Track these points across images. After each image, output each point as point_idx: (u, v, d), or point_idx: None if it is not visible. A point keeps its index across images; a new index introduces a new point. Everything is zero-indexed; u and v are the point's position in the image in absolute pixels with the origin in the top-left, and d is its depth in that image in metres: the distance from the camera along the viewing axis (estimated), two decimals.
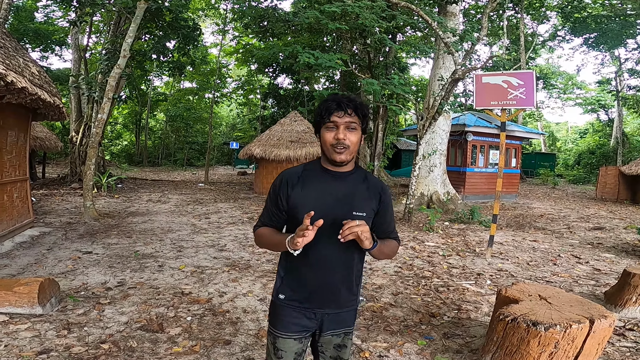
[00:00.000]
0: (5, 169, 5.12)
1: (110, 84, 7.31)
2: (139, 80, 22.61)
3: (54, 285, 3.18)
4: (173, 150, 28.47)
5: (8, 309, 2.91)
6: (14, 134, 5.38)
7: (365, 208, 1.35)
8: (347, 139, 1.30)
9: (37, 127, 11.64)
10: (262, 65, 18.94)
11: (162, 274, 4.14)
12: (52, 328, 2.75)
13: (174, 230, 6.34)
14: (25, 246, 4.93)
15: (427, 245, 5.95)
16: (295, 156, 11.51)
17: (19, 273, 3.91)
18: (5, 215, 5.01)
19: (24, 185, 5.76)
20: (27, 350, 2.43)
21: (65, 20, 16.64)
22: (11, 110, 5.12)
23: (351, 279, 1.40)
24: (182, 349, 2.57)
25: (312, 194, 1.35)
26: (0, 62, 4.17)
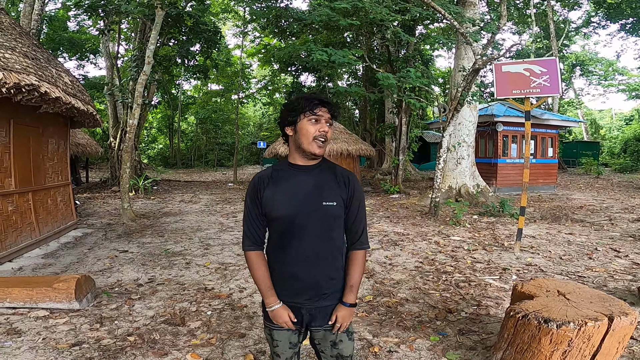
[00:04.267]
0: (48, 174, 5.56)
1: (138, 90, 7.70)
2: (168, 84, 23.55)
3: (90, 282, 3.43)
4: (204, 152, 29.45)
5: (48, 304, 3.15)
6: (54, 141, 5.83)
7: (335, 197, 1.40)
8: (328, 133, 1.39)
9: (79, 134, 12.46)
10: (283, 64, 19.14)
11: (189, 270, 4.35)
12: (87, 322, 2.96)
13: (203, 229, 6.61)
14: (69, 246, 5.33)
15: (452, 240, 5.82)
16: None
17: (62, 271, 4.25)
18: (50, 218, 5.45)
19: (67, 189, 6.22)
20: (62, 343, 2.63)
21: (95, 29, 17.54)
22: (50, 120, 5.55)
23: (330, 271, 1.43)
24: (199, 341, 2.70)
25: (283, 192, 1.40)
26: (34, 74, 4.47)
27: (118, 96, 12.54)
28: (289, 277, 1.43)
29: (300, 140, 1.39)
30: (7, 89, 3.94)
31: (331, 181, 1.42)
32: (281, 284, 1.45)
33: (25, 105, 4.63)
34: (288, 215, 1.38)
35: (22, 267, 4.33)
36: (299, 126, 1.39)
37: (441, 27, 15.04)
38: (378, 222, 7.21)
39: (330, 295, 1.44)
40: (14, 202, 4.63)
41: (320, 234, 1.39)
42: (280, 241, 1.42)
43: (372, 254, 5.02)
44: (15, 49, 4.62)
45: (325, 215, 1.38)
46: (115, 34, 14.37)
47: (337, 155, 11.83)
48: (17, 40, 4.98)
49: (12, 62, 4.27)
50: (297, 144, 1.41)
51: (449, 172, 9.73)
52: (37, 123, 5.27)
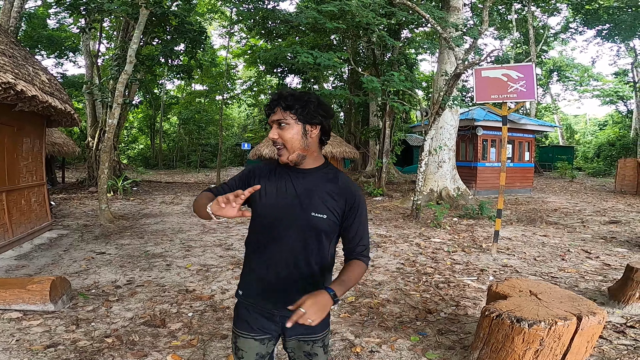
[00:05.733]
0: (22, 174, 5.37)
1: (118, 89, 7.53)
2: (151, 84, 23.13)
3: (66, 284, 3.34)
4: (187, 153, 29.00)
5: (22, 306, 3.07)
6: (29, 140, 5.63)
7: (327, 210, 1.24)
8: (280, 137, 1.23)
9: (55, 134, 12.07)
10: (269, 65, 19.09)
11: (169, 272, 4.29)
12: (62, 324, 2.91)
13: (184, 231, 6.51)
14: (43, 248, 5.16)
15: (432, 242, 5.93)
16: None
17: (36, 273, 4.11)
18: (23, 218, 5.26)
19: (42, 189, 6.02)
20: (36, 344, 2.57)
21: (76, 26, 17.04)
22: (25, 118, 5.35)
23: (308, 281, 1.28)
24: (180, 342, 2.68)
25: (271, 189, 1.28)
26: (10, 72, 4.33)
27: (97, 95, 12.22)
28: (261, 280, 1.31)
29: None
30: None
31: (327, 191, 1.26)
32: (251, 283, 1.34)
33: (0, 104, 4.47)
34: (270, 215, 1.26)
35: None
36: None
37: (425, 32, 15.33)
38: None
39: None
40: None
41: (302, 245, 1.25)
42: (258, 240, 1.32)
43: None
44: None
45: (310, 226, 1.23)
46: (97, 33, 14.03)
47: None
48: None
49: None
50: None
51: (430, 175, 9.91)
52: (12, 121, 5.08)
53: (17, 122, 5.18)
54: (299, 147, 1.24)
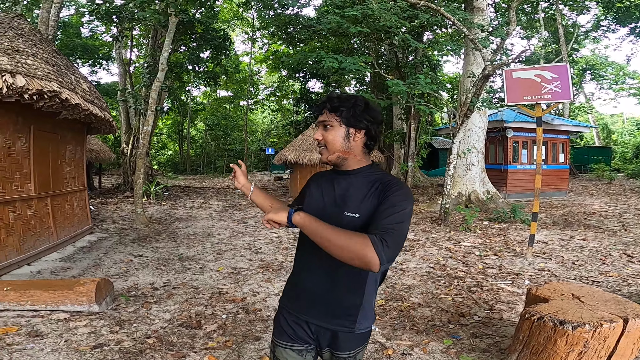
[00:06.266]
0: (65, 180, 5.70)
1: (152, 96, 7.86)
2: (179, 91, 23.93)
3: (109, 285, 3.47)
4: (213, 158, 29.74)
5: (69, 307, 3.21)
6: (71, 147, 5.95)
7: (359, 209, 1.16)
8: (323, 138, 1.24)
9: (92, 140, 12.71)
10: (292, 70, 19.37)
11: (202, 275, 4.42)
12: (106, 325, 3.02)
13: (214, 235, 6.69)
14: (85, 250, 5.44)
15: (462, 246, 5.82)
16: (319, 160, 11.66)
17: (80, 275, 4.34)
18: (67, 222, 5.57)
19: (83, 194, 6.36)
20: (84, 345, 2.68)
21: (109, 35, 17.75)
22: (68, 126, 5.65)
23: (340, 297, 1.21)
24: (216, 344, 2.75)
25: (316, 192, 1.31)
26: (54, 80, 4.48)
27: (131, 102, 12.76)
28: (298, 286, 1.30)
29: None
30: (29, 95, 3.99)
31: (362, 189, 1.19)
32: (291, 291, 1.33)
33: (45, 112, 4.69)
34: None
35: (40, 270, 4.42)
36: None
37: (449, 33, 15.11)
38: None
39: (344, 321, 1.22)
40: (33, 206, 4.74)
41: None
42: (300, 243, 1.32)
43: None
44: (36, 55, 4.67)
45: (342, 227, 1.13)
46: (128, 41, 14.65)
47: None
48: (37, 46, 5.04)
49: (34, 68, 4.31)
50: None
51: (458, 179, 9.71)
52: (56, 129, 5.38)
53: (60, 130, 5.49)
54: (339, 149, 1.22)
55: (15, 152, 4.44)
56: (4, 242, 4.08)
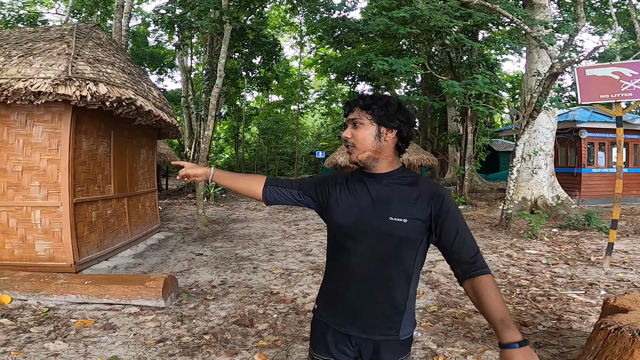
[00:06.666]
0: (139, 182, 6.23)
1: (211, 102, 8.36)
2: (234, 96, 25.13)
3: (174, 282, 3.69)
4: (266, 162, 30.78)
5: (140, 302, 3.40)
6: (145, 151, 6.45)
7: (407, 214, 1.12)
8: (353, 137, 1.18)
9: (160, 145, 13.77)
10: (340, 74, 19.42)
11: (256, 274, 4.60)
12: (170, 320, 3.18)
13: (267, 236, 6.93)
14: (154, 248, 5.91)
15: (527, 253, 5.44)
16: None
17: (149, 271, 4.70)
18: (139, 221, 6.11)
19: (154, 195, 6.94)
20: (149, 339, 2.84)
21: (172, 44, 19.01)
22: (142, 131, 6.13)
23: (385, 304, 1.16)
24: (266, 342, 2.84)
25: (346, 196, 1.22)
26: (131, 88, 4.72)
27: (193, 108, 13.65)
28: (337, 297, 1.22)
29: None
30: (110, 102, 4.29)
31: (408, 194, 1.15)
32: (328, 300, 1.25)
33: (122, 118, 5.02)
34: (345, 224, 1.19)
35: (116, 265, 4.84)
36: None
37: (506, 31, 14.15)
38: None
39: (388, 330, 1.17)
40: (112, 206, 5.24)
41: (381, 254, 1.14)
42: (335, 250, 1.24)
43: (437, 265, 4.88)
44: (114, 64, 4.95)
45: (389, 232, 1.12)
46: (189, 49, 15.68)
47: None
48: (114, 55, 5.33)
49: (113, 77, 4.59)
50: None
51: (523, 183, 9.05)
52: (132, 135, 5.85)
53: (135, 136, 5.97)
54: (370, 149, 1.17)
55: (98, 156, 4.91)
56: (87, 239, 4.55)
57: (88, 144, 4.70)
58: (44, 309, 3.30)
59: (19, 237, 4.19)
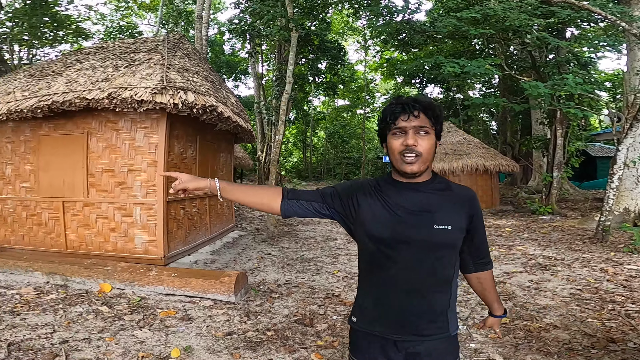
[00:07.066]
0: None
1: (282, 108, 8.75)
2: (301, 101, 25.85)
3: (245, 279, 3.89)
4: (333, 166, 31.15)
5: (214, 296, 3.62)
6: (224, 155, 6.90)
7: (450, 220, 1.14)
8: (419, 145, 1.12)
9: (236, 148, 14.79)
10: (407, 77, 18.81)
11: (319, 276, 4.67)
12: (238, 314, 3.34)
13: (332, 239, 7.01)
14: (229, 246, 6.32)
15: (626, 269, 4.80)
16: (450, 169, 10.98)
17: (224, 267, 5.02)
18: (218, 220, 6.60)
19: None
20: (219, 331, 3.00)
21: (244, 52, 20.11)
22: (222, 136, 6.57)
23: (433, 306, 1.17)
24: (324, 342, 2.87)
25: (385, 208, 1.17)
26: (213, 96, 4.95)
27: (264, 114, 14.43)
28: (381, 305, 1.20)
29: (391, 158, 1.18)
30: (196, 109, 4.59)
31: (447, 201, 1.17)
32: (371, 312, 1.22)
33: (206, 124, 5.38)
34: (385, 235, 1.15)
35: (197, 260, 5.17)
36: (388, 142, 1.18)
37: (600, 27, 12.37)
38: (522, 244, 6.38)
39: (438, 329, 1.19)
40: (196, 205, 5.71)
41: (425, 262, 1.14)
42: (373, 262, 1.20)
43: (513, 277, 4.54)
44: (199, 73, 5.24)
45: (434, 240, 1.13)
46: (259, 56, 16.57)
47: (471, 171, 10.97)
48: (199, 65, 5.61)
49: (198, 85, 4.86)
50: (390, 161, 1.19)
51: (625, 192, 7.86)
52: (214, 139, 6.23)
53: (217, 140, 6.41)
54: (431, 159, 1.16)
55: (187, 159, 5.37)
56: (175, 235, 5.03)
57: (179, 148, 5.12)
58: (137, 299, 3.64)
59: (122, 231, 4.76)
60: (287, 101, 8.95)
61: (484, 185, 11.45)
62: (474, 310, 3.49)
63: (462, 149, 11.49)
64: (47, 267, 4.07)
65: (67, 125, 4.90)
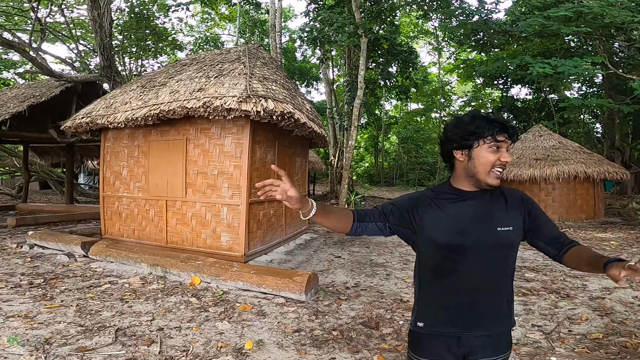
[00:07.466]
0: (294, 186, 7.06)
1: (354, 113, 8.89)
2: (373, 106, 25.52)
3: (315, 279, 4.02)
4: (405, 171, 30.34)
5: (287, 294, 3.79)
6: (299, 159, 7.19)
7: (510, 222, 1.27)
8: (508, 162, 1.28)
9: (310, 153, 15.30)
10: (488, 78, 17.42)
11: (388, 281, 4.66)
12: (307, 313, 3.48)
13: (403, 245, 6.87)
14: (301, 247, 6.57)
15: None
16: (542, 175, 9.98)
17: (296, 267, 5.23)
18: (292, 222, 6.89)
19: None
20: (289, 328, 3.15)
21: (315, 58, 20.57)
22: (297, 141, 6.85)
23: (499, 301, 1.30)
24: (387, 346, 2.89)
25: (449, 216, 1.28)
26: (290, 103, 5.09)
27: (337, 119, 14.70)
28: (448, 307, 1.30)
29: (475, 169, 1.25)
30: (276, 116, 4.77)
31: (503, 204, 1.30)
32: (438, 314, 1.32)
33: (283, 130, 5.56)
34: (450, 241, 1.26)
35: (272, 260, 5.39)
36: (475, 152, 1.25)
37: None
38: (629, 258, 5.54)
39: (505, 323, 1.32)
40: (274, 207, 6.03)
41: (491, 263, 1.26)
42: (439, 268, 1.30)
43: (614, 292, 4.12)
44: (277, 81, 5.39)
45: (499, 242, 1.25)
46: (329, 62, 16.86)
47: (568, 178, 9.83)
48: (276, 73, 5.78)
49: (277, 93, 5.01)
50: (470, 171, 1.27)
51: None
52: (290, 144, 6.44)
53: (293, 145, 6.71)
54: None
55: (266, 163, 5.62)
56: (254, 234, 5.41)
57: (260, 153, 5.39)
58: (220, 292, 3.92)
59: (211, 229, 5.27)
60: (359, 106, 9.06)
61: (584, 194, 10.17)
62: (561, 324, 3.27)
63: (557, 154, 10.35)
64: (151, 259, 4.68)
65: (170, 131, 5.57)
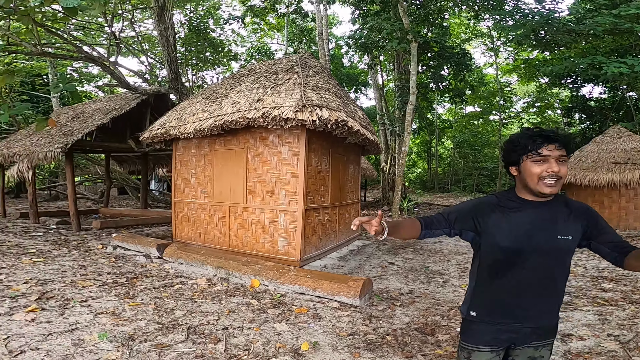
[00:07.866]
0: (347, 193, 7.08)
1: (407, 119, 8.79)
2: (425, 110, 24.82)
3: (370, 285, 4.06)
4: (462, 177, 28.99)
5: (341, 298, 3.86)
6: (352, 166, 7.28)
7: (570, 231, 1.38)
8: (560, 171, 1.34)
9: (362, 159, 15.32)
10: (554, 77, 16.04)
11: (445, 289, 4.58)
12: (361, 317, 3.53)
13: (461, 253, 6.68)
14: (354, 253, 6.62)
15: None
16: (622, 180, 9.13)
17: (349, 273, 5.26)
18: (345, 228, 6.98)
19: (357, 206, 7.79)
20: (343, 331, 3.22)
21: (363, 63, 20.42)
22: (350, 149, 6.95)
23: (551, 301, 1.44)
24: (443, 352, 2.87)
25: (512, 223, 1.40)
26: (342, 111, 5.15)
27: (388, 125, 14.56)
28: (506, 305, 1.45)
29: (525, 181, 1.39)
30: (330, 124, 4.87)
31: (564, 214, 1.40)
32: (494, 309, 1.47)
33: (337, 138, 5.68)
34: (513, 245, 1.38)
35: (326, 265, 5.45)
36: (522, 167, 1.39)
37: None
38: None
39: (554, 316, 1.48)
40: (328, 213, 6.17)
41: (548, 266, 1.38)
42: (499, 268, 1.44)
43: None
44: (329, 90, 5.44)
45: (559, 249, 1.37)
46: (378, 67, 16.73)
47: (637, 184, 8.94)
48: (328, 81, 5.81)
49: (330, 101, 5.08)
50: (523, 183, 1.41)
51: None
52: (344, 152, 6.50)
53: (346, 153, 6.82)
54: (563, 182, 1.38)
55: (321, 171, 5.66)
56: (309, 240, 5.57)
57: (315, 161, 5.48)
58: (278, 295, 4.07)
59: (269, 234, 5.54)
60: (411, 112, 8.96)
61: None
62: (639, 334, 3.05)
63: (639, 158, 9.40)
64: (216, 261, 5.04)
65: (232, 141, 5.95)
